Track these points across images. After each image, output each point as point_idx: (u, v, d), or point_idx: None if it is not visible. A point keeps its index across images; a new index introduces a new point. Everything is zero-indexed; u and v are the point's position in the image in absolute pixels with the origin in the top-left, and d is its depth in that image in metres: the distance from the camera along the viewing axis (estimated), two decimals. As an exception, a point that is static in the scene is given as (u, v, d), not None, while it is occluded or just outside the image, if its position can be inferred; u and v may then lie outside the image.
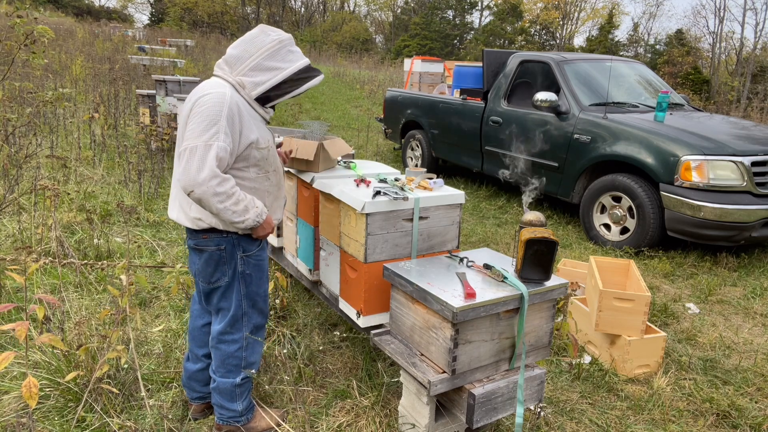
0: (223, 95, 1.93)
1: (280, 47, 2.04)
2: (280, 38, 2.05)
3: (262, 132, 2.08)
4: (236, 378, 2.21)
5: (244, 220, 1.97)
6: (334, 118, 12.23)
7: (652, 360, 2.97)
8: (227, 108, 1.91)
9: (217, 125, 1.88)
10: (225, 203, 1.90)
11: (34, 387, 1.84)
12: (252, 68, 2.02)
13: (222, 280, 2.11)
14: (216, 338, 2.19)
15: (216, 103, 1.91)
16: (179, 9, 37.48)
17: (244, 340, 2.20)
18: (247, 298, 2.17)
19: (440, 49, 35.97)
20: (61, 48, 14.09)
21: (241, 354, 2.20)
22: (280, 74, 2.04)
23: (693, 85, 23.30)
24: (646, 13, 66.39)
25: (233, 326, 2.17)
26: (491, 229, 5.40)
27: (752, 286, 4.25)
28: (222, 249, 2.07)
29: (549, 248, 2.05)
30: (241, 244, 2.10)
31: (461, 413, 2.06)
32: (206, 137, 1.86)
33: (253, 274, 2.17)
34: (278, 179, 2.21)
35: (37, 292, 3.28)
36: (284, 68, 2.04)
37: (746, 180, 4.42)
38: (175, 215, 2.12)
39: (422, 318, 2.10)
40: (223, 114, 1.90)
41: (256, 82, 2.03)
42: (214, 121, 1.88)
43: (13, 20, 3.64)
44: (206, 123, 1.88)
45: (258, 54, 2.02)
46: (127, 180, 5.71)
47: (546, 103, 5.35)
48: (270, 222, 2.10)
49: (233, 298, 2.15)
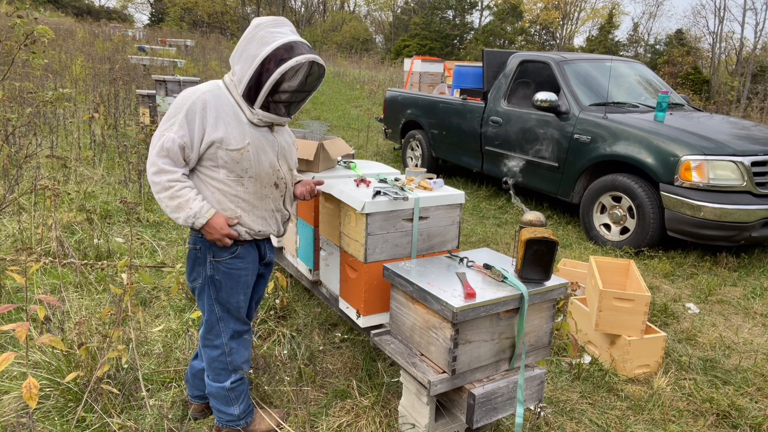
0: (196, 90, 1.93)
1: (259, 30, 1.90)
2: (259, 22, 1.92)
3: (235, 133, 1.93)
4: (226, 382, 2.17)
5: (176, 218, 1.92)
6: (334, 118, 12.23)
7: (652, 360, 2.97)
8: (191, 102, 1.90)
9: (175, 117, 1.90)
10: (160, 194, 1.90)
11: (34, 387, 1.84)
12: (237, 60, 1.95)
13: (197, 281, 2.07)
14: (200, 341, 2.17)
15: (184, 97, 1.92)
16: (179, 9, 37.47)
17: (225, 346, 2.13)
18: (218, 303, 2.08)
19: (440, 49, 35.96)
20: (61, 48, 14.09)
21: (225, 359, 2.15)
22: (255, 61, 1.88)
23: (693, 85, 23.31)
24: (646, 13, 66.36)
25: (210, 331, 2.12)
26: (491, 229, 5.40)
27: (752, 286, 4.25)
28: (197, 249, 2.04)
29: (549, 248, 2.05)
30: (212, 248, 2.02)
31: (461, 413, 2.06)
32: (163, 128, 1.90)
33: (223, 281, 2.05)
34: (258, 189, 2.03)
35: (37, 292, 3.29)
36: (257, 53, 1.88)
37: (746, 180, 4.42)
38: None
39: (422, 318, 2.10)
40: (184, 107, 1.89)
41: (240, 77, 1.93)
42: (174, 113, 1.91)
43: (13, 20, 3.64)
44: (168, 115, 1.91)
45: (240, 46, 1.94)
46: (127, 180, 5.71)
47: (546, 103, 5.35)
48: (218, 227, 1.94)
49: (205, 301, 2.09)
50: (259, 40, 1.90)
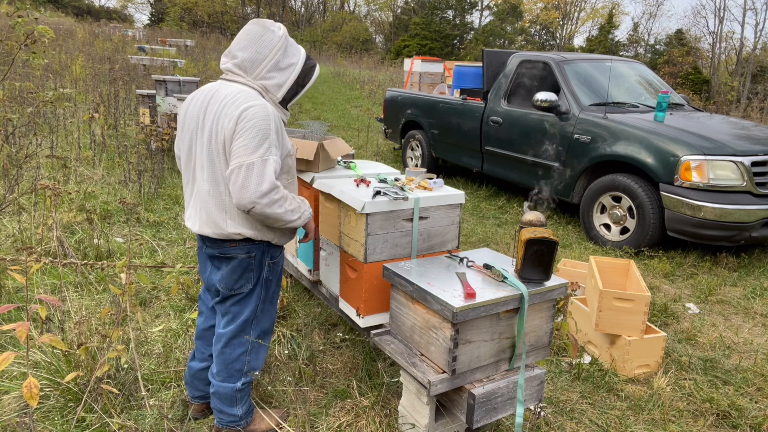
0: (265, 107, 1.92)
1: (287, 41, 2.04)
2: (284, 32, 2.04)
3: (288, 140, 2.09)
4: (237, 383, 2.18)
5: (300, 215, 2.02)
6: (334, 118, 12.23)
7: (652, 360, 2.97)
8: (273, 121, 1.92)
9: (269, 139, 1.90)
10: (284, 206, 1.94)
11: (35, 387, 1.84)
12: (270, 69, 2.00)
13: (246, 286, 2.10)
14: (222, 342, 2.16)
15: (264, 116, 1.90)
16: (179, 9, 37.48)
17: (249, 344, 2.18)
18: (263, 303, 2.18)
19: (440, 49, 35.96)
20: (61, 48, 14.09)
21: (245, 358, 2.18)
22: (295, 69, 2.05)
23: (693, 85, 23.31)
24: (646, 13, 66.37)
25: (243, 330, 2.16)
26: (491, 229, 5.40)
27: (752, 286, 4.25)
28: (252, 256, 2.07)
29: (549, 248, 2.05)
30: (270, 251, 2.12)
31: (461, 413, 2.07)
32: (261, 152, 1.87)
33: (273, 280, 2.20)
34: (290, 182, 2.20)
35: (37, 292, 3.29)
36: (296, 63, 2.06)
37: (746, 180, 4.42)
38: (198, 227, 2.05)
39: (422, 318, 2.10)
40: (271, 127, 1.91)
41: (278, 84, 2.03)
42: (265, 135, 1.89)
43: (14, 20, 3.64)
44: (258, 138, 1.88)
45: (273, 54, 2.00)
46: (127, 180, 5.72)
47: (546, 103, 5.35)
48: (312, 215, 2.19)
49: (250, 304, 2.14)
50: (290, 48, 2.06)
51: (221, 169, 1.94)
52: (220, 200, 1.98)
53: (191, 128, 2.02)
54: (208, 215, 2.01)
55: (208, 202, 2.00)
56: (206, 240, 2.08)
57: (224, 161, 1.93)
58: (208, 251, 2.09)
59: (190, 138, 2.02)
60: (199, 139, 1.98)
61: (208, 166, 1.96)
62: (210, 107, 1.96)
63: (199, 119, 1.99)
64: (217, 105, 1.94)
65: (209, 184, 1.98)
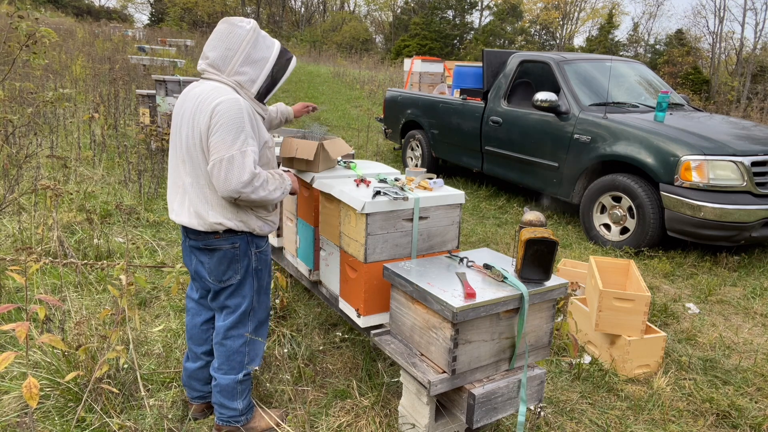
0: (237, 100, 1.97)
1: (257, 34, 2.06)
2: (253, 26, 2.07)
3: (265, 131, 2.12)
4: (238, 374, 2.22)
5: (283, 190, 2.09)
6: (334, 118, 12.22)
7: (652, 360, 2.97)
8: (246, 113, 1.97)
9: (244, 131, 1.95)
10: (267, 188, 2.01)
11: (35, 387, 1.84)
12: (242, 63, 2.04)
13: (234, 278, 2.15)
14: (222, 334, 2.21)
15: (236, 110, 1.95)
16: (179, 9, 37.46)
17: (248, 336, 2.23)
18: (257, 293, 2.23)
19: (440, 49, 35.96)
20: (61, 48, 14.08)
21: (245, 349, 2.23)
22: (268, 63, 2.08)
23: (693, 85, 23.32)
24: (646, 13, 66.32)
25: (241, 321, 2.21)
26: (491, 229, 5.40)
27: (752, 286, 4.25)
28: (236, 247, 2.11)
29: (549, 248, 2.05)
30: (255, 241, 2.16)
31: (461, 413, 2.07)
32: (238, 145, 1.93)
33: (262, 269, 2.24)
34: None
35: (37, 292, 3.29)
36: (268, 56, 2.09)
37: (746, 180, 4.42)
38: (185, 220, 2.09)
39: (422, 318, 2.10)
40: (245, 119, 1.96)
41: (251, 80, 2.07)
42: (240, 127, 1.94)
43: (15, 21, 3.64)
44: (234, 131, 1.93)
45: (242, 48, 2.03)
46: (127, 180, 5.72)
47: (546, 103, 5.35)
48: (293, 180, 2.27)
49: (244, 295, 2.18)
50: (262, 42, 2.08)
51: (200, 163, 2.01)
52: (201, 192, 2.05)
53: (175, 125, 2.11)
54: (190, 206, 2.08)
55: (190, 194, 2.07)
56: (189, 232, 2.13)
57: (202, 156, 2.00)
58: (191, 243, 2.15)
59: (175, 134, 2.11)
60: (178, 136, 2.07)
61: (189, 161, 2.04)
62: (186, 105, 2.04)
63: (178, 116, 2.07)
64: (192, 102, 2.02)
65: (191, 177, 2.05)
